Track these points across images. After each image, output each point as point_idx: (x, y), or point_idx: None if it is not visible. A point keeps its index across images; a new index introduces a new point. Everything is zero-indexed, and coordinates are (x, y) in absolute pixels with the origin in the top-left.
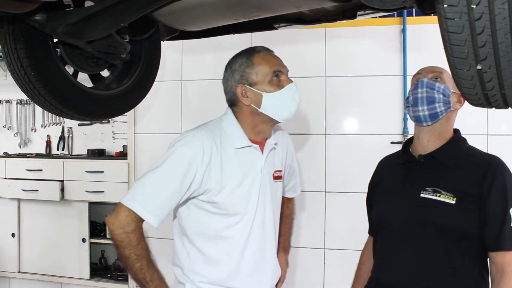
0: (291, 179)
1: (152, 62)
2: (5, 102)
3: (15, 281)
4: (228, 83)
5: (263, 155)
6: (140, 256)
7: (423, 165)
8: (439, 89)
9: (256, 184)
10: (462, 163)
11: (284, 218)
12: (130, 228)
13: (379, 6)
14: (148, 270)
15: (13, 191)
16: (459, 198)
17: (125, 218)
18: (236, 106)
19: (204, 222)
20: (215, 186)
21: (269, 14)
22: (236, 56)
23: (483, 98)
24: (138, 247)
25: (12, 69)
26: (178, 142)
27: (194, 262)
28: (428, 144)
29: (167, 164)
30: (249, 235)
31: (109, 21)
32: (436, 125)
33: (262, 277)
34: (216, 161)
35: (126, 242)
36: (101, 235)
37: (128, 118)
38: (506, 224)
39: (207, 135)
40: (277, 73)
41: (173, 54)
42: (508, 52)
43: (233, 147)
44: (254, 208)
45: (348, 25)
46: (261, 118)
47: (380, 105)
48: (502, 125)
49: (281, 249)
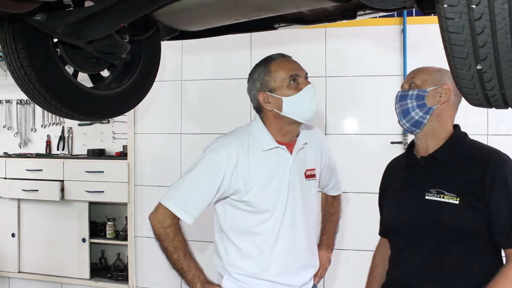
0: (331, 177)
1: (152, 62)
2: (5, 102)
3: (15, 281)
4: (252, 93)
5: (292, 156)
6: (177, 248)
7: (426, 166)
8: (412, 97)
9: (285, 183)
10: (463, 160)
11: (329, 216)
12: (167, 223)
13: (379, 6)
14: (185, 260)
15: (13, 191)
16: (462, 197)
17: (162, 215)
18: (262, 112)
19: (238, 219)
20: (244, 187)
21: (269, 14)
22: (255, 67)
23: (483, 98)
24: (174, 240)
25: (12, 69)
26: (208, 148)
27: (230, 256)
28: (427, 146)
29: (197, 168)
30: (279, 231)
31: (109, 21)
32: (425, 129)
33: (293, 271)
34: (243, 164)
35: (164, 235)
36: (101, 235)
37: (128, 118)
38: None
39: (234, 140)
40: (294, 77)
41: (173, 54)
42: (508, 52)
43: (261, 150)
44: (284, 205)
45: (348, 25)
46: (285, 121)
47: (380, 105)
48: (502, 125)
49: (323, 246)
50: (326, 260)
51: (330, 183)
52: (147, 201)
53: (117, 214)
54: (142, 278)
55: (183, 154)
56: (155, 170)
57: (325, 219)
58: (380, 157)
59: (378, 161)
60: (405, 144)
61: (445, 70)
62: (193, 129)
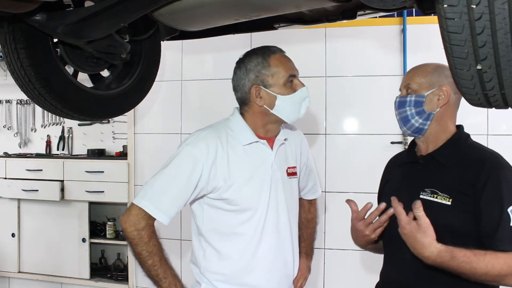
0: (309, 180)
1: (152, 62)
2: (5, 102)
3: (15, 281)
4: (241, 82)
5: (273, 151)
6: (151, 252)
7: (424, 165)
8: (410, 103)
9: (267, 179)
10: (460, 162)
11: (306, 222)
12: (141, 225)
13: (379, 6)
14: (160, 267)
15: (13, 191)
16: (455, 198)
17: (135, 216)
18: (246, 105)
19: (218, 220)
20: (223, 183)
21: (269, 14)
22: (251, 55)
23: (483, 98)
24: (149, 244)
25: (12, 69)
26: (184, 143)
27: (209, 261)
28: (428, 146)
29: (173, 163)
30: (262, 230)
31: (109, 21)
32: (426, 133)
33: (279, 274)
34: (222, 159)
35: (138, 239)
36: (101, 235)
37: (128, 118)
38: (505, 224)
39: (212, 134)
40: (292, 77)
41: (173, 54)
42: (508, 52)
43: (241, 144)
44: (266, 203)
45: (348, 25)
46: (271, 118)
47: (380, 105)
48: (502, 125)
49: (303, 254)
50: (306, 269)
51: (307, 186)
52: None
53: (117, 214)
54: (142, 278)
55: None
56: (155, 170)
57: (302, 226)
58: (380, 157)
59: (378, 161)
60: (405, 144)
61: (442, 68)
62: (193, 129)
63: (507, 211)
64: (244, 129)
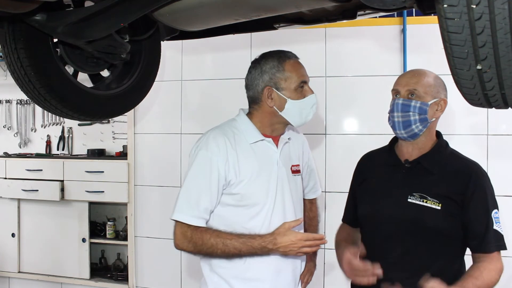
0: (310, 179)
1: (152, 62)
2: (5, 102)
3: (15, 281)
4: (255, 81)
5: (278, 149)
6: (213, 245)
7: (409, 169)
8: (415, 109)
9: (273, 175)
10: (446, 169)
11: (309, 220)
12: (188, 235)
13: (379, 6)
14: (230, 242)
15: (13, 191)
16: (444, 204)
17: (181, 234)
18: (257, 104)
19: (227, 217)
20: (234, 179)
21: (269, 14)
22: (267, 57)
23: (483, 98)
24: (203, 241)
25: (12, 69)
26: (196, 148)
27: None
28: (413, 152)
29: (192, 171)
30: (269, 225)
31: (109, 21)
32: (417, 140)
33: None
34: (232, 156)
35: (194, 247)
36: (101, 235)
37: (128, 118)
38: (489, 227)
39: (219, 134)
40: (303, 83)
41: (173, 54)
42: (508, 52)
43: (247, 143)
44: (273, 198)
45: (348, 25)
46: (278, 119)
47: (380, 105)
48: (502, 125)
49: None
50: (312, 265)
51: (308, 185)
52: (147, 201)
53: (117, 214)
54: (142, 278)
55: (183, 154)
56: (155, 170)
57: (305, 224)
58: None
59: None
60: None
61: (440, 79)
62: (193, 129)
63: (491, 216)
64: (250, 128)
